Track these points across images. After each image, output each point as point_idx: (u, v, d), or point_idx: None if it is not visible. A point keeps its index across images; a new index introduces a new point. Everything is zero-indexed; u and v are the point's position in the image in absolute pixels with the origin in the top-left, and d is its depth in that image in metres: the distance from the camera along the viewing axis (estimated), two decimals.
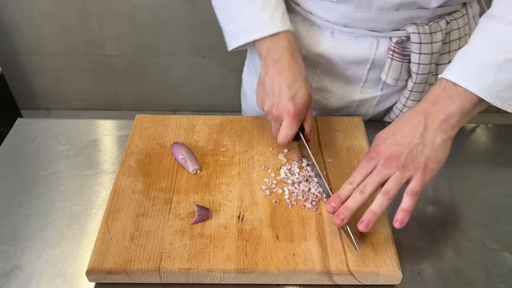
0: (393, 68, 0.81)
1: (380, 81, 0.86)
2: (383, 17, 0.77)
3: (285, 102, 0.69)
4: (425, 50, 0.78)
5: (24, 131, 0.87)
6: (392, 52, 0.80)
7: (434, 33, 0.78)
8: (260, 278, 0.61)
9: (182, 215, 0.67)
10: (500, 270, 0.64)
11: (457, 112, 0.61)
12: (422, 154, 0.60)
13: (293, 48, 0.73)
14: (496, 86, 0.60)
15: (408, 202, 0.59)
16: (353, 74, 0.86)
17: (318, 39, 0.83)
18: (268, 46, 0.73)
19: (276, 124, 0.72)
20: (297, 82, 0.71)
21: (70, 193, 0.75)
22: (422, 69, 0.79)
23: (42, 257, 0.66)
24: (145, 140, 0.79)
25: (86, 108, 2.36)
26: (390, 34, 0.79)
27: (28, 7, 1.99)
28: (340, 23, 0.80)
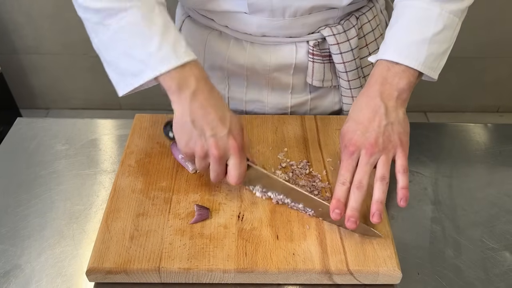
0: (316, 70, 0.83)
1: (307, 85, 0.87)
2: (298, 22, 0.78)
3: (224, 139, 0.63)
4: (345, 48, 0.80)
5: (24, 131, 0.87)
6: (312, 55, 0.82)
7: (348, 30, 0.80)
8: (260, 277, 0.61)
9: (182, 214, 0.67)
10: (500, 270, 0.65)
11: (406, 87, 0.66)
12: (394, 132, 0.64)
13: (205, 76, 0.65)
14: (429, 58, 0.67)
15: (404, 179, 0.62)
16: (279, 81, 0.87)
17: (238, 51, 0.83)
18: (178, 79, 0.63)
19: (220, 165, 0.64)
20: (226, 113, 0.64)
21: (69, 192, 0.75)
22: (349, 66, 0.82)
23: (42, 257, 0.66)
24: (144, 140, 0.79)
25: (85, 107, 2.36)
26: (306, 38, 0.81)
27: (27, 6, 1.99)
28: (257, 33, 0.81)
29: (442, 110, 2.32)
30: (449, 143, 0.85)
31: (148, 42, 0.63)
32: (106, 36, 0.66)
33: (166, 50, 0.63)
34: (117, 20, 0.64)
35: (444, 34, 0.68)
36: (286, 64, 0.84)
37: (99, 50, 0.69)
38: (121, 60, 0.66)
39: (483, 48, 2.07)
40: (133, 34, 0.64)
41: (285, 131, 0.81)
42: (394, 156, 0.63)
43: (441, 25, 0.67)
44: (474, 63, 2.13)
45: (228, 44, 0.84)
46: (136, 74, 0.65)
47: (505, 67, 2.15)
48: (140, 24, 0.64)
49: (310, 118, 0.84)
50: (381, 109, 0.64)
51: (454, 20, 0.69)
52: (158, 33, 0.64)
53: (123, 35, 0.65)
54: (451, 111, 2.31)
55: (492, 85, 2.22)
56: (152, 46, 0.63)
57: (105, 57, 0.68)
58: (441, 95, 2.23)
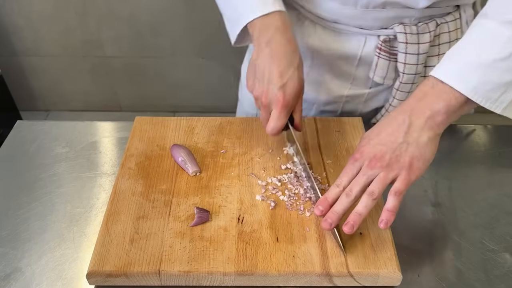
0: (380, 66, 0.82)
1: (369, 79, 0.86)
2: (369, 15, 0.77)
3: (275, 90, 0.67)
4: (411, 50, 0.79)
5: (24, 133, 0.87)
6: (379, 50, 0.81)
7: (422, 34, 0.78)
8: (260, 280, 0.61)
9: (182, 217, 0.67)
10: (500, 271, 0.65)
11: (443, 110, 0.59)
12: (407, 153, 0.59)
13: (286, 29, 0.70)
14: (484, 86, 0.58)
15: (392, 202, 0.59)
16: (342, 70, 0.86)
17: (310, 33, 0.84)
18: (260, 27, 0.70)
19: (265, 112, 0.70)
20: (289, 70, 0.68)
21: (70, 195, 0.75)
22: (408, 69, 0.80)
23: (42, 260, 0.66)
24: (144, 142, 0.79)
25: (85, 109, 2.36)
26: (377, 32, 0.80)
27: (27, 8, 1.99)
28: (330, 19, 0.81)
29: None
30: (449, 144, 0.85)
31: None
32: None
33: (256, 2, 0.70)
34: None
35: (510, 62, 0.58)
36: (351, 54, 0.83)
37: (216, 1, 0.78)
38: (227, 9, 0.75)
39: None
40: None
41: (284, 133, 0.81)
42: (396, 177, 0.60)
43: (508, 51, 0.57)
44: None
45: (302, 24, 0.85)
46: (235, 21, 0.73)
47: None
48: None
49: (310, 120, 0.84)
50: (403, 125, 0.60)
51: None
52: None
53: None
54: None
55: None
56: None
57: (220, 8, 0.78)
58: None
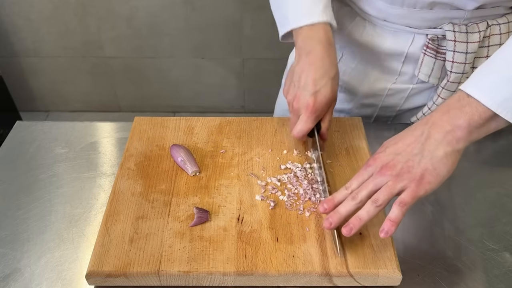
0: (426, 63, 0.82)
1: (415, 76, 0.87)
2: (417, 14, 0.78)
3: (307, 95, 0.70)
4: (460, 49, 0.78)
5: (23, 134, 0.87)
6: (426, 47, 0.81)
7: (471, 33, 0.77)
8: (260, 280, 0.61)
9: (182, 217, 0.66)
10: (500, 271, 0.64)
11: (465, 124, 0.57)
12: (419, 165, 0.58)
13: (328, 41, 0.72)
14: None
15: (396, 212, 0.57)
16: (389, 65, 0.87)
17: (360, 29, 0.86)
18: (304, 36, 0.73)
19: (294, 116, 0.72)
20: (324, 78, 0.70)
21: (69, 195, 0.75)
22: (456, 67, 0.79)
23: (42, 260, 0.66)
24: (144, 142, 0.79)
25: (85, 110, 2.36)
26: (426, 31, 0.80)
27: (26, 9, 2.00)
28: (379, 17, 0.82)
29: None
30: None
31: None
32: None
33: (303, 8, 0.73)
34: None
35: None
36: (399, 51, 0.84)
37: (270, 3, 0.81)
38: (276, 8, 0.79)
39: None
40: None
41: (284, 133, 0.81)
42: (404, 188, 0.58)
43: None
44: None
45: (353, 20, 0.86)
46: (281, 23, 0.76)
47: None
48: None
49: None
50: (421, 137, 0.59)
51: None
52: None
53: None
54: None
55: None
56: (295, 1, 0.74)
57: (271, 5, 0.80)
58: None
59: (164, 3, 1.99)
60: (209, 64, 2.19)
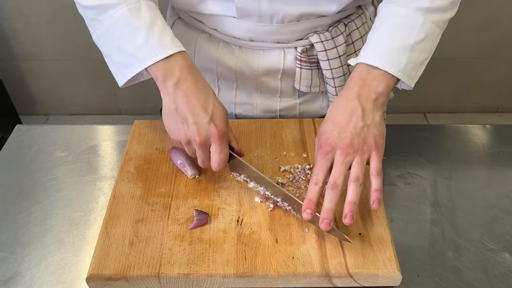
0: (304, 76, 0.84)
1: (296, 90, 0.88)
2: (286, 29, 0.79)
3: (206, 125, 0.65)
4: (332, 55, 0.81)
5: (23, 138, 0.87)
6: (300, 62, 0.82)
7: (336, 37, 0.81)
8: (260, 282, 0.61)
9: (181, 220, 0.67)
10: (500, 271, 0.65)
11: (384, 91, 0.66)
12: (369, 134, 0.64)
13: (191, 66, 0.68)
14: (409, 66, 0.67)
15: (377, 181, 0.62)
16: (268, 86, 0.87)
17: (227, 54, 0.84)
18: (163, 70, 0.66)
19: (204, 152, 0.67)
20: (209, 101, 0.67)
21: (69, 199, 0.75)
22: (336, 72, 0.82)
23: (42, 264, 0.66)
24: (143, 146, 0.79)
25: (84, 113, 2.37)
26: (295, 44, 0.82)
27: (26, 12, 2.00)
28: (246, 37, 0.81)
29: (442, 111, 2.32)
30: (448, 144, 0.86)
31: (136, 36, 0.67)
32: (101, 31, 0.71)
33: (152, 43, 0.67)
34: (108, 16, 0.69)
35: (425, 43, 0.68)
36: (274, 69, 0.84)
37: (98, 44, 0.73)
38: (114, 53, 0.70)
39: (482, 49, 2.08)
40: (122, 28, 0.69)
41: (283, 134, 0.81)
42: (368, 158, 0.63)
43: (423, 34, 0.68)
44: (473, 63, 2.13)
45: (217, 47, 0.85)
46: (127, 66, 0.69)
47: (504, 67, 2.16)
48: (128, 19, 0.68)
49: (308, 122, 0.84)
50: (358, 110, 0.64)
51: (436, 31, 0.70)
52: (145, 27, 0.68)
53: (114, 30, 0.69)
54: (451, 111, 2.32)
55: (491, 85, 2.22)
56: (139, 39, 0.67)
57: (103, 50, 0.73)
58: (441, 95, 2.23)
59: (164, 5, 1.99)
60: None
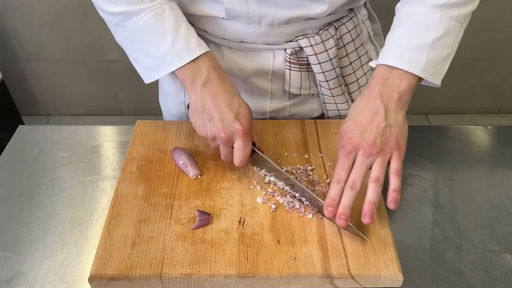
0: (293, 78, 0.84)
1: (286, 92, 0.88)
2: (275, 31, 0.79)
3: (231, 123, 0.68)
4: (323, 58, 0.81)
5: (26, 138, 0.87)
6: (289, 63, 0.82)
7: (326, 40, 0.80)
8: (262, 282, 0.61)
9: (183, 220, 0.67)
10: (501, 272, 0.65)
11: (407, 89, 0.66)
12: (392, 134, 0.64)
13: (218, 66, 0.72)
14: (430, 64, 0.67)
15: (397, 182, 0.63)
16: (258, 87, 0.87)
17: (216, 55, 0.83)
18: (191, 71, 0.70)
19: (227, 148, 0.70)
20: (235, 100, 0.70)
21: (71, 199, 0.75)
22: (329, 75, 0.82)
23: (45, 264, 0.66)
24: (145, 146, 0.79)
25: (86, 113, 2.37)
26: (284, 46, 0.82)
27: (28, 13, 2.00)
28: (235, 39, 0.81)
29: (443, 112, 2.32)
30: (449, 145, 0.86)
31: (162, 41, 0.70)
32: (126, 36, 0.74)
33: (179, 47, 0.70)
34: (133, 23, 0.71)
35: (445, 39, 0.68)
36: (263, 70, 0.84)
37: (122, 46, 0.76)
38: (141, 57, 0.74)
39: (483, 50, 2.08)
40: (149, 34, 0.71)
41: (285, 135, 0.81)
42: (390, 158, 0.64)
43: (441, 31, 0.68)
44: (475, 64, 2.13)
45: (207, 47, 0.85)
46: (155, 69, 0.72)
47: (505, 68, 2.16)
48: (153, 25, 0.71)
49: (310, 123, 0.84)
50: (380, 110, 0.65)
51: (456, 26, 0.69)
52: (171, 31, 0.70)
53: (140, 35, 0.72)
54: (452, 113, 2.32)
55: (493, 86, 2.22)
56: (166, 44, 0.70)
57: (128, 53, 0.76)
58: (442, 97, 2.23)
59: None
60: None
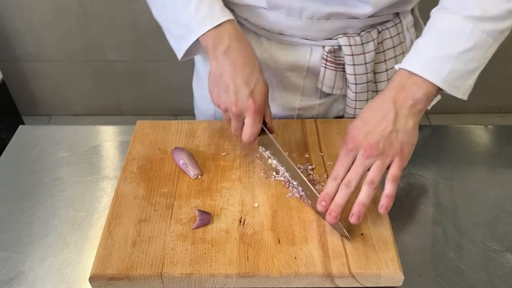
0: (327, 77, 0.83)
1: (318, 90, 0.87)
2: (314, 26, 0.78)
3: (244, 98, 0.68)
4: (358, 61, 0.80)
5: (26, 138, 0.87)
6: (325, 61, 0.82)
7: (366, 43, 0.79)
8: (262, 282, 0.61)
9: (184, 220, 0.67)
10: (502, 271, 0.65)
11: (424, 98, 0.64)
12: (397, 140, 0.63)
13: (241, 35, 0.71)
14: (452, 76, 0.64)
15: (391, 188, 0.62)
16: (291, 82, 0.87)
17: (255, 45, 0.83)
18: (213, 38, 0.70)
19: (238, 122, 0.70)
20: (253, 75, 0.69)
21: (72, 199, 0.75)
22: (359, 79, 0.81)
23: (45, 263, 0.66)
24: (146, 146, 0.79)
25: (87, 113, 2.37)
26: (322, 42, 0.81)
27: (28, 13, 2.00)
28: (274, 30, 0.81)
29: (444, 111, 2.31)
30: (450, 145, 0.86)
31: (187, 6, 0.71)
32: (158, 5, 0.76)
33: (203, 13, 0.70)
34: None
35: (473, 53, 0.65)
36: (299, 66, 0.84)
37: (158, 20, 0.78)
38: (172, 26, 0.75)
39: None
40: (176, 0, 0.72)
41: (285, 135, 0.81)
42: (390, 163, 0.63)
43: (471, 43, 0.64)
44: None
45: (246, 36, 0.83)
46: (183, 37, 0.73)
47: (506, 68, 2.15)
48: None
49: (311, 122, 0.84)
50: (390, 114, 0.63)
51: (487, 40, 0.65)
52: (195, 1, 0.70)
53: (169, 3, 0.73)
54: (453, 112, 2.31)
55: (493, 86, 2.22)
56: (191, 9, 0.71)
57: (161, 24, 0.77)
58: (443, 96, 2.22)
59: None
60: None
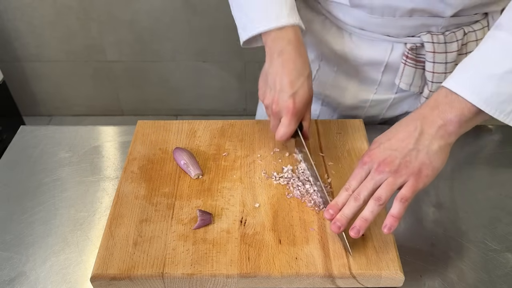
0: (406, 73, 0.82)
1: (395, 85, 0.86)
2: (396, 23, 0.78)
3: (285, 98, 0.69)
4: (439, 60, 0.78)
5: (27, 139, 0.88)
6: (406, 58, 0.81)
7: (449, 43, 0.77)
8: (263, 282, 0.61)
9: (185, 220, 0.67)
10: (503, 271, 0.65)
11: (456, 119, 0.59)
12: (417, 160, 0.59)
13: (299, 42, 0.72)
14: (497, 98, 0.57)
15: (397, 208, 0.58)
16: (368, 76, 0.87)
17: (336, 39, 0.85)
18: (273, 37, 0.71)
19: (275, 120, 0.72)
20: (300, 79, 0.70)
21: (73, 199, 0.76)
22: (437, 77, 0.80)
23: (47, 264, 0.66)
24: (147, 146, 0.80)
25: (87, 114, 2.37)
26: (404, 39, 0.80)
27: (29, 14, 2.01)
28: (356, 26, 0.81)
29: None
30: None
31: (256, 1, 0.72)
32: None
33: (270, 10, 0.71)
34: None
35: None
36: (377, 61, 0.84)
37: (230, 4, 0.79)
38: (239, 12, 0.76)
39: None
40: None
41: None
42: (404, 183, 0.59)
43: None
44: None
45: (329, 30, 0.86)
46: (245, 28, 0.74)
47: None
48: None
49: (311, 123, 0.84)
50: (415, 133, 0.60)
51: None
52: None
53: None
54: None
55: None
56: (260, 5, 0.72)
57: (232, 9, 0.78)
58: None
59: (165, 7, 1.99)
60: (210, 67, 2.19)
